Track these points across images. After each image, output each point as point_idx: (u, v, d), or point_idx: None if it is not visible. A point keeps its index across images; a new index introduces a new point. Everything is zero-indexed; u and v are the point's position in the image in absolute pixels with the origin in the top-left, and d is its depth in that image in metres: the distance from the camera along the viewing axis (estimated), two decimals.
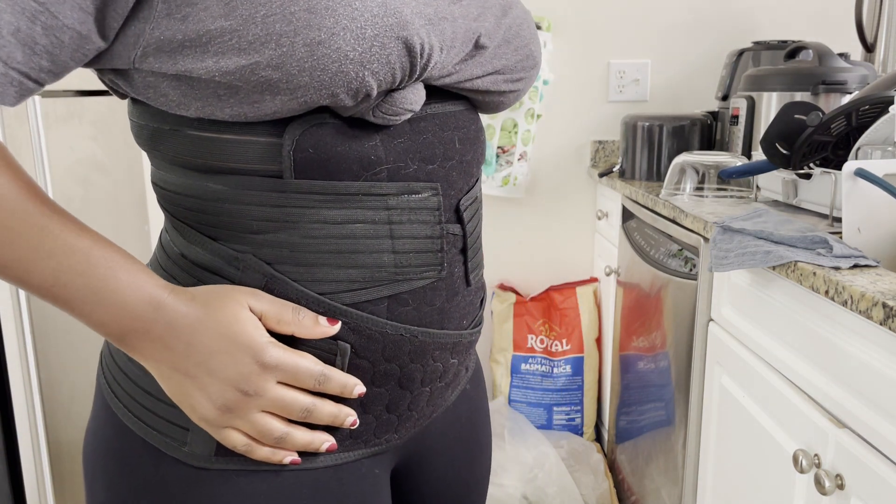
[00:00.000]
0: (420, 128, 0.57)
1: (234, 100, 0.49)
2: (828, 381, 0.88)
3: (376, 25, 0.48)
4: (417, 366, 0.60)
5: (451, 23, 0.54)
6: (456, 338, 0.62)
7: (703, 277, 1.25)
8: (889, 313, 0.70)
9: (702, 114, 1.84)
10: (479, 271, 0.65)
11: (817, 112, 1.11)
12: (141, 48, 0.49)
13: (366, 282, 0.56)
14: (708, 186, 1.43)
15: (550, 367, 2.12)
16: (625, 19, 2.11)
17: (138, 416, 0.58)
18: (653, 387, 1.54)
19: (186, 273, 0.57)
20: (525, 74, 0.64)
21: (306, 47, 0.47)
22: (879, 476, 0.75)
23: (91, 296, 0.50)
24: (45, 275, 0.49)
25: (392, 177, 0.55)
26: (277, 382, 0.53)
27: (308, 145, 0.52)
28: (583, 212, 2.21)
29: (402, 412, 0.62)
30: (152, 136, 0.56)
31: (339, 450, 0.59)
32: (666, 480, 1.45)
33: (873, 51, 1.70)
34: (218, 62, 0.48)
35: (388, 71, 0.50)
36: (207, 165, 0.54)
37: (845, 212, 0.94)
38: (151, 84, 0.51)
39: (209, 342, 0.51)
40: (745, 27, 2.12)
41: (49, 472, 1.46)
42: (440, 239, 0.58)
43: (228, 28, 0.47)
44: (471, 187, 0.62)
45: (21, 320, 1.39)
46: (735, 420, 1.13)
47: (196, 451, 0.56)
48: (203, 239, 0.56)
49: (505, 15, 0.61)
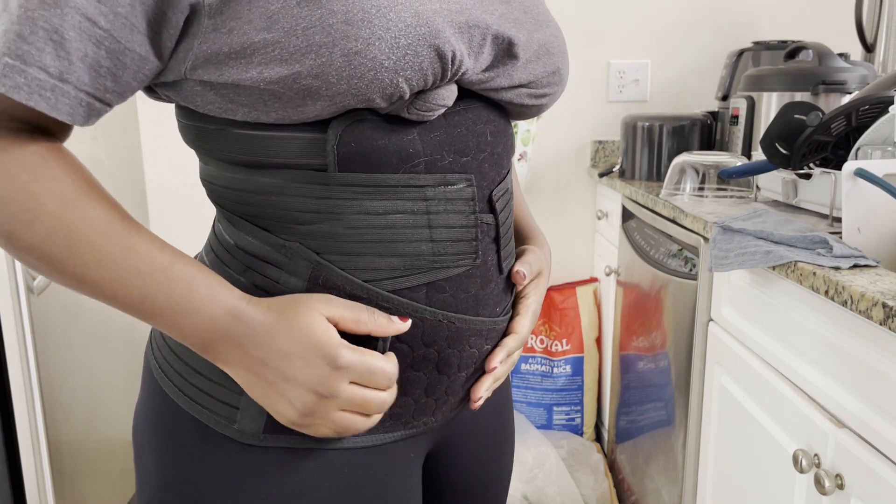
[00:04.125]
0: (454, 122, 0.59)
1: (278, 104, 0.52)
2: (828, 381, 0.88)
3: (409, 35, 0.51)
4: (454, 351, 0.62)
5: (482, 29, 0.56)
6: (490, 324, 0.64)
7: (703, 277, 1.25)
8: (889, 313, 0.70)
9: (702, 114, 1.84)
10: (510, 260, 0.67)
11: (817, 112, 1.11)
12: (190, 62, 0.53)
13: (405, 269, 0.58)
14: (708, 186, 1.43)
15: (550, 367, 2.12)
16: (625, 19, 2.11)
17: (188, 394, 0.61)
18: (653, 387, 1.54)
19: (237, 260, 0.60)
20: (551, 91, 0.66)
21: (344, 57, 0.50)
22: (879, 476, 0.75)
23: (174, 310, 0.53)
24: (134, 293, 0.52)
25: (429, 169, 0.57)
26: (351, 382, 0.55)
27: (350, 139, 0.55)
28: (583, 212, 2.21)
29: (440, 396, 0.64)
30: (199, 134, 0.59)
31: (381, 430, 0.63)
32: (666, 480, 1.45)
33: (873, 51, 1.70)
34: (262, 72, 0.50)
35: (421, 77, 0.52)
36: (255, 161, 0.56)
37: (845, 212, 0.94)
38: (199, 93, 0.55)
39: (284, 347, 0.54)
40: (745, 27, 2.12)
41: (49, 472, 1.46)
42: (475, 228, 0.61)
43: (271, 40, 0.50)
44: (502, 178, 0.64)
45: (21, 320, 1.39)
46: (735, 420, 1.13)
47: (245, 428, 0.59)
48: (253, 228, 0.59)
49: (537, 30, 0.63)
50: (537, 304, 0.71)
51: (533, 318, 0.70)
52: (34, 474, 1.46)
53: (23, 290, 1.38)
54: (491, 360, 0.65)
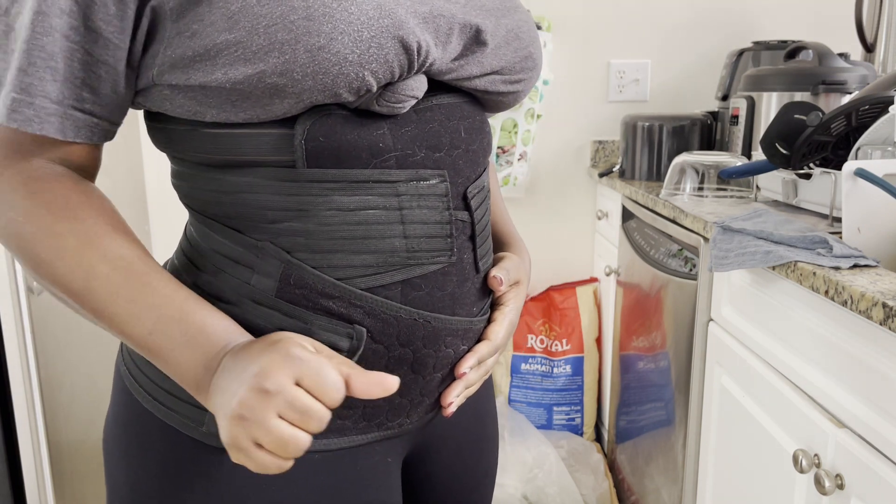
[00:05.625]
0: (426, 117, 0.58)
1: (246, 104, 0.52)
2: (828, 381, 0.88)
3: (372, 27, 0.50)
4: (430, 351, 0.61)
5: (448, 18, 0.56)
6: (466, 324, 0.63)
7: (703, 277, 1.25)
8: (889, 313, 0.70)
9: (702, 114, 1.84)
10: (487, 259, 0.66)
11: (817, 112, 1.11)
12: (157, 67, 0.53)
13: (379, 266, 0.57)
14: (708, 186, 1.43)
15: (550, 367, 2.12)
16: (625, 19, 2.11)
17: (158, 399, 0.60)
18: (653, 387, 1.54)
19: (210, 263, 0.59)
20: (525, 76, 0.65)
21: (308, 53, 0.49)
22: (879, 476, 0.75)
23: (184, 340, 0.53)
24: (146, 324, 0.53)
25: (401, 164, 0.57)
26: (296, 385, 0.50)
27: (319, 135, 0.54)
28: (583, 212, 2.21)
29: (415, 397, 0.63)
30: (169, 137, 0.59)
31: (354, 432, 0.61)
32: (666, 480, 1.45)
33: (873, 51, 1.70)
34: (227, 73, 0.50)
35: (387, 69, 0.52)
36: (225, 160, 0.56)
37: (845, 212, 0.94)
38: (169, 97, 0.55)
39: (251, 349, 0.52)
40: (745, 27, 2.12)
41: (49, 472, 1.46)
42: (449, 224, 0.60)
43: (234, 40, 0.50)
44: (478, 176, 0.64)
45: (21, 320, 1.39)
46: (735, 420, 1.13)
47: (213, 430, 0.58)
48: (224, 230, 0.58)
49: (504, 16, 0.62)
50: (515, 314, 0.69)
51: (509, 328, 0.68)
52: (34, 474, 1.45)
53: (23, 290, 1.38)
54: (460, 365, 0.64)
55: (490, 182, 0.80)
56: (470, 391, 0.66)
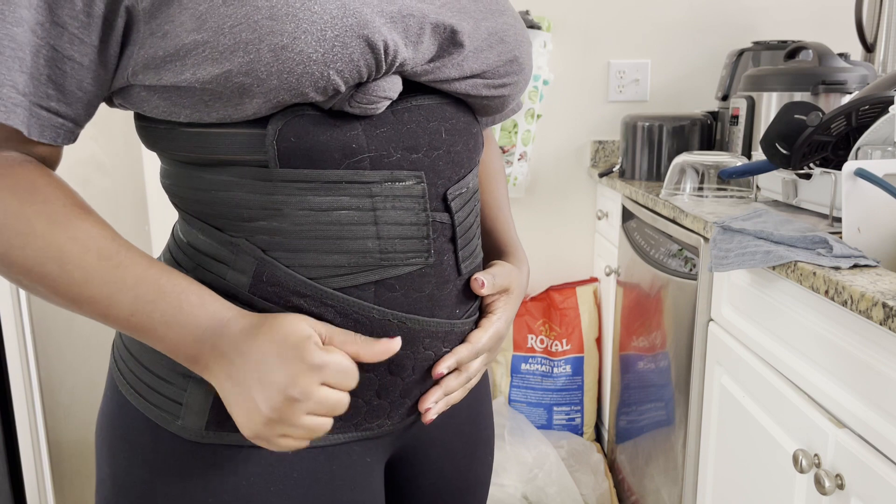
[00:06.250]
0: (404, 118, 0.58)
1: (218, 104, 0.52)
2: (828, 381, 0.88)
3: (336, 27, 0.50)
4: (407, 352, 0.61)
5: (418, 18, 0.55)
6: (447, 326, 0.63)
7: (703, 277, 1.25)
8: (889, 313, 0.70)
9: (702, 114, 1.84)
10: (472, 262, 0.65)
11: (817, 112, 1.11)
12: (131, 67, 0.53)
13: (352, 267, 0.57)
14: (708, 186, 1.43)
15: (550, 367, 2.12)
16: (625, 19, 2.11)
17: (139, 391, 0.61)
18: (653, 387, 1.54)
19: (189, 258, 0.60)
20: (510, 80, 0.64)
21: (272, 52, 0.50)
22: (879, 476, 0.75)
23: (164, 320, 0.53)
24: (124, 306, 0.53)
25: (375, 165, 0.57)
26: (322, 384, 0.54)
27: (291, 135, 0.54)
28: (583, 212, 2.21)
29: (394, 399, 0.63)
30: (154, 135, 0.59)
31: (330, 431, 0.61)
32: (666, 480, 1.45)
33: (873, 51, 1.70)
34: (195, 73, 0.51)
35: (353, 69, 0.52)
36: (202, 159, 0.57)
37: (845, 212, 0.94)
38: (144, 98, 0.55)
39: (263, 348, 0.53)
40: (745, 27, 2.12)
41: (49, 472, 1.46)
42: (426, 226, 0.59)
43: (201, 41, 0.50)
44: (461, 177, 0.63)
45: (21, 320, 1.39)
46: (735, 420, 1.13)
47: (188, 424, 0.59)
48: (205, 226, 0.59)
49: (487, 19, 0.61)
50: (503, 323, 0.68)
51: (495, 335, 0.67)
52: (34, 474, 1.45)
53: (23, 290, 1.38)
54: (437, 365, 0.63)
55: (498, 191, 0.79)
56: (452, 398, 0.65)
